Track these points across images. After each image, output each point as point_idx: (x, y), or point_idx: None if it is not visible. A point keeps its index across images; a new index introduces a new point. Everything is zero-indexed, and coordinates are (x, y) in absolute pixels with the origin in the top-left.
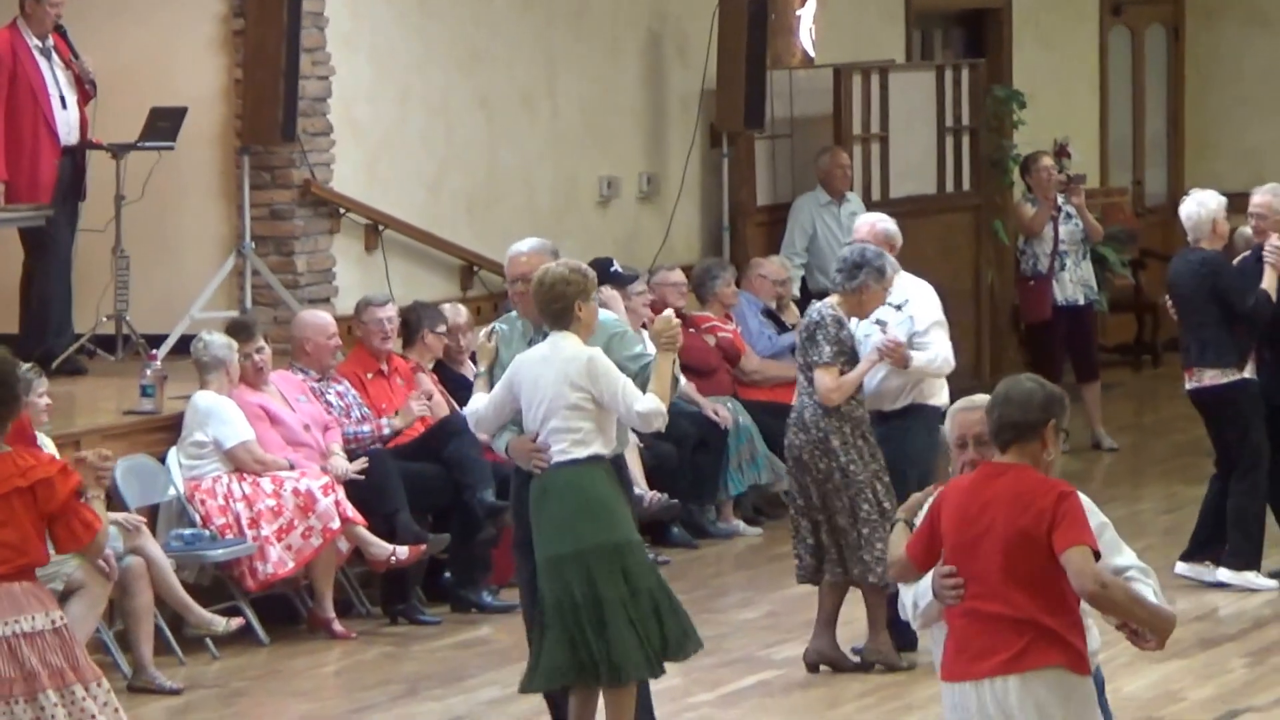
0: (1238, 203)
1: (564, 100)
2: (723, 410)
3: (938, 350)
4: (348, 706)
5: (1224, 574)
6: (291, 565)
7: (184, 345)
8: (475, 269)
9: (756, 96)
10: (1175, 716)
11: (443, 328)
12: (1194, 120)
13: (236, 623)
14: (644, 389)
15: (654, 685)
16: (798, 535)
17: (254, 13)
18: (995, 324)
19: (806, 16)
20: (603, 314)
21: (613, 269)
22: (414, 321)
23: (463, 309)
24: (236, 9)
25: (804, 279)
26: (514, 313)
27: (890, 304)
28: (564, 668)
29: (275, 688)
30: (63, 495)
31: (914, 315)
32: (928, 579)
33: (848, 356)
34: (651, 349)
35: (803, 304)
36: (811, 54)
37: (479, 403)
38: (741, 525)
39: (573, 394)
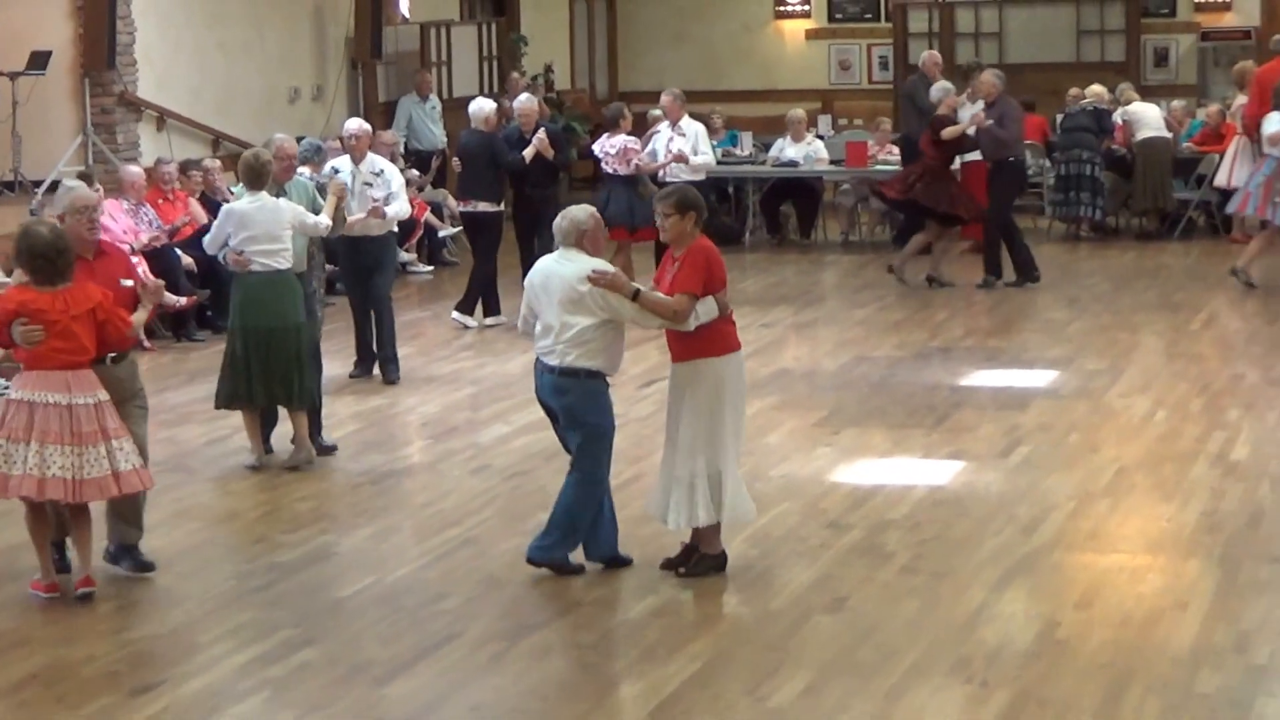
0: (649, 98)
1: (268, 44)
2: None
3: (402, 206)
4: (155, 387)
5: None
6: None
7: (54, 187)
8: (219, 141)
9: (377, 40)
10: None
11: (198, 173)
12: (624, 49)
13: None
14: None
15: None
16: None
17: None
18: None
19: None
20: (304, 180)
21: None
22: (186, 169)
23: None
24: None
25: (406, 145)
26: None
27: (372, 171)
28: (244, 396)
29: None
30: (109, 310)
31: (389, 179)
32: (711, 304)
33: None
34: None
35: (406, 161)
36: (408, 16)
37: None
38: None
39: (281, 230)
